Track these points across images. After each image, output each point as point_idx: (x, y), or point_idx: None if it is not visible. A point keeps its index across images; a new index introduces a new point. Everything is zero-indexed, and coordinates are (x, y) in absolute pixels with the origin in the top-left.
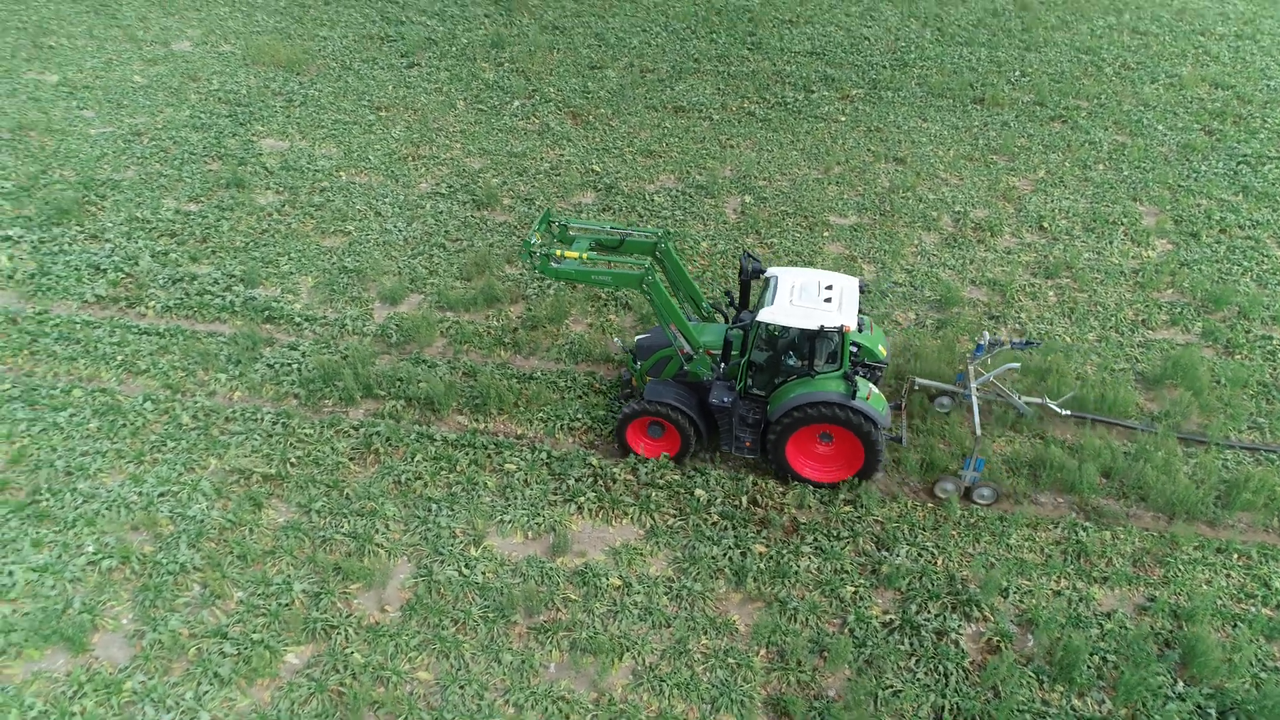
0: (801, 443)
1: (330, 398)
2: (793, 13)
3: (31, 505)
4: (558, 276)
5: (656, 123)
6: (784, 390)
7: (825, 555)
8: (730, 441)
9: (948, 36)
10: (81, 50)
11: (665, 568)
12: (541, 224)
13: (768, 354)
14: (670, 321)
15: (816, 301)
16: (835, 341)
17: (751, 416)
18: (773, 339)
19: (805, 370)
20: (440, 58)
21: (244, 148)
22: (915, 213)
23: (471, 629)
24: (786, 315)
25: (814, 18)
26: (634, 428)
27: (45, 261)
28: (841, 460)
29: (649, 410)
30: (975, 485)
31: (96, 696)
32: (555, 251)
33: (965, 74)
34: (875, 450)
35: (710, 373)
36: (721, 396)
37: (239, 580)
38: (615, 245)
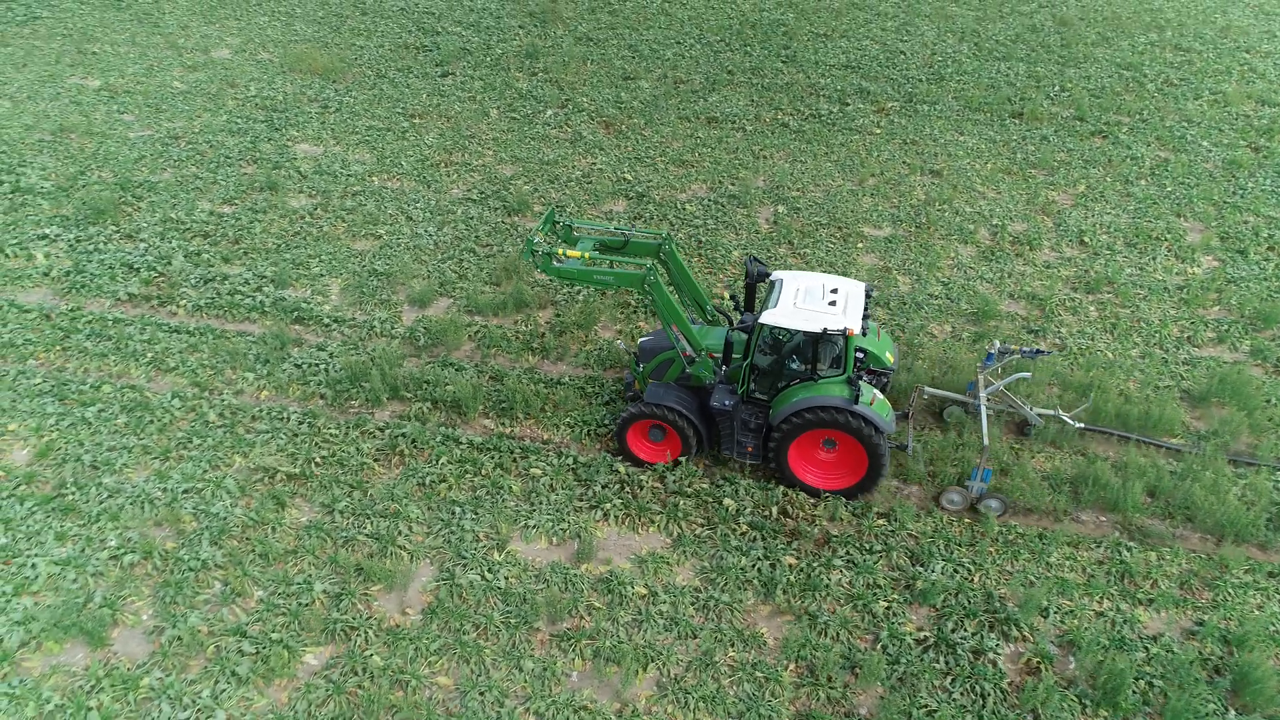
0: (804, 449)
1: (357, 399)
2: (828, 27)
3: (57, 499)
4: (560, 275)
5: (689, 133)
6: (786, 395)
7: (858, 569)
8: (731, 447)
9: (985, 51)
10: (124, 57)
11: (692, 577)
12: (546, 223)
13: (771, 358)
14: (672, 323)
15: (820, 305)
16: (839, 345)
17: (754, 421)
18: (777, 343)
19: (808, 374)
20: (474, 67)
21: (279, 152)
22: (951, 225)
23: (493, 634)
24: (789, 318)
25: (849, 32)
26: (634, 431)
27: (80, 260)
28: (845, 468)
29: (649, 413)
30: (983, 496)
31: (113, 692)
32: (558, 250)
33: (1003, 88)
34: (879, 457)
35: (712, 376)
36: (723, 400)
37: (260, 579)
38: (619, 246)
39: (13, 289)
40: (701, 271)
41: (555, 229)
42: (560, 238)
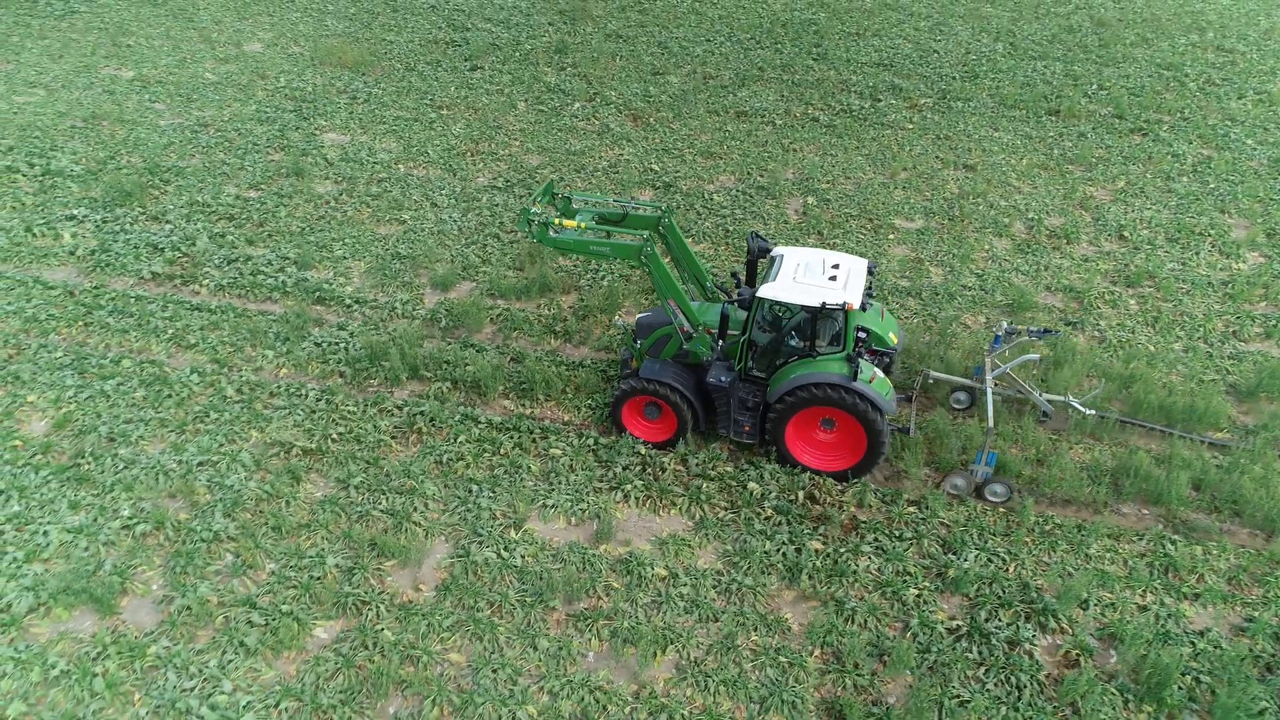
0: (802, 428)
1: (376, 377)
2: (859, 26)
3: (72, 469)
4: (556, 246)
5: (718, 126)
6: (784, 372)
7: (887, 556)
8: (728, 425)
9: (1020, 51)
10: (157, 50)
11: (714, 561)
12: (545, 195)
13: (770, 335)
14: (669, 296)
15: (820, 279)
16: (838, 321)
17: (751, 400)
18: (776, 320)
19: (807, 351)
20: (503, 62)
21: (306, 140)
22: (986, 218)
23: (508, 612)
24: (788, 291)
25: (881, 31)
26: (630, 408)
27: (106, 240)
28: (844, 449)
29: (644, 389)
30: (987, 481)
31: (120, 659)
32: (554, 220)
33: (1039, 86)
34: (878, 437)
35: (710, 352)
36: (719, 376)
37: (272, 552)
38: (618, 219)
39: (39, 266)
40: (728, 260)
41: (554, 201)
42: (559, 210)
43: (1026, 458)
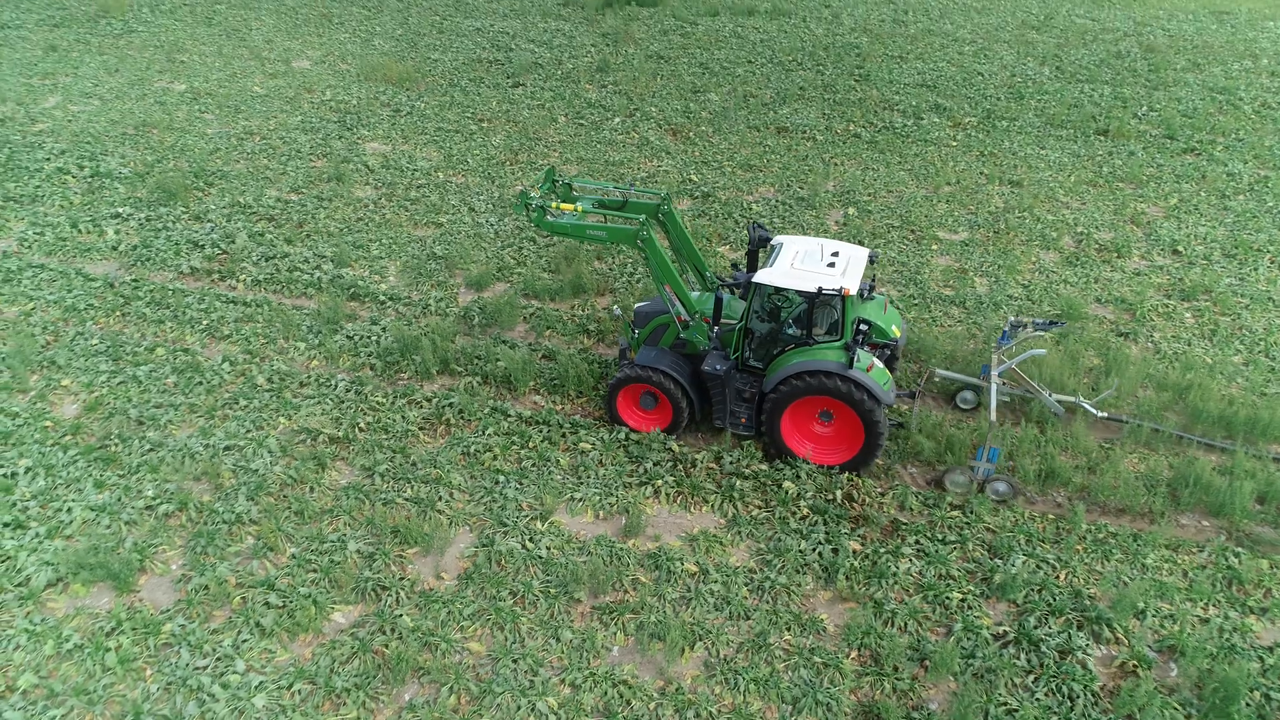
0: (799, 420)
1: (406, 370)
2: (902, 50)
3: (100, 449)
4: (553, 230)
5: (758, 141)
6: (780, 360)
7: (929, 559)
8: (724, 416)
9: (1067, 74)
10: (209, 65)
11: (747, 559)
12: (546, 181)
13: (768, 325)
14: (665, 283)
15: (819, 266)
16: (837, 310)
17: (748, 390)
18: (776, 309)
19: (804, 340)
20: (545, 79)
21: (349, 149)
22: (1033, 232)
23: (531, 603)
24: (784, 277)
25: (925, 55)
26: (625, 397)
27: (148, 236)
28: (842, 442)
29: (639, 376)
30: (989, 478)
31: (134, 635)
32: (552, 205)
33: (1087, 107)
34: (875, 427)
35: (707, 342)
36: (715, 365)
37: (293, 536)
38: (619, 206)
39: (82, 260)
40: None
41: (555, 188)
42: (560, 196)
43: (1078, 465)
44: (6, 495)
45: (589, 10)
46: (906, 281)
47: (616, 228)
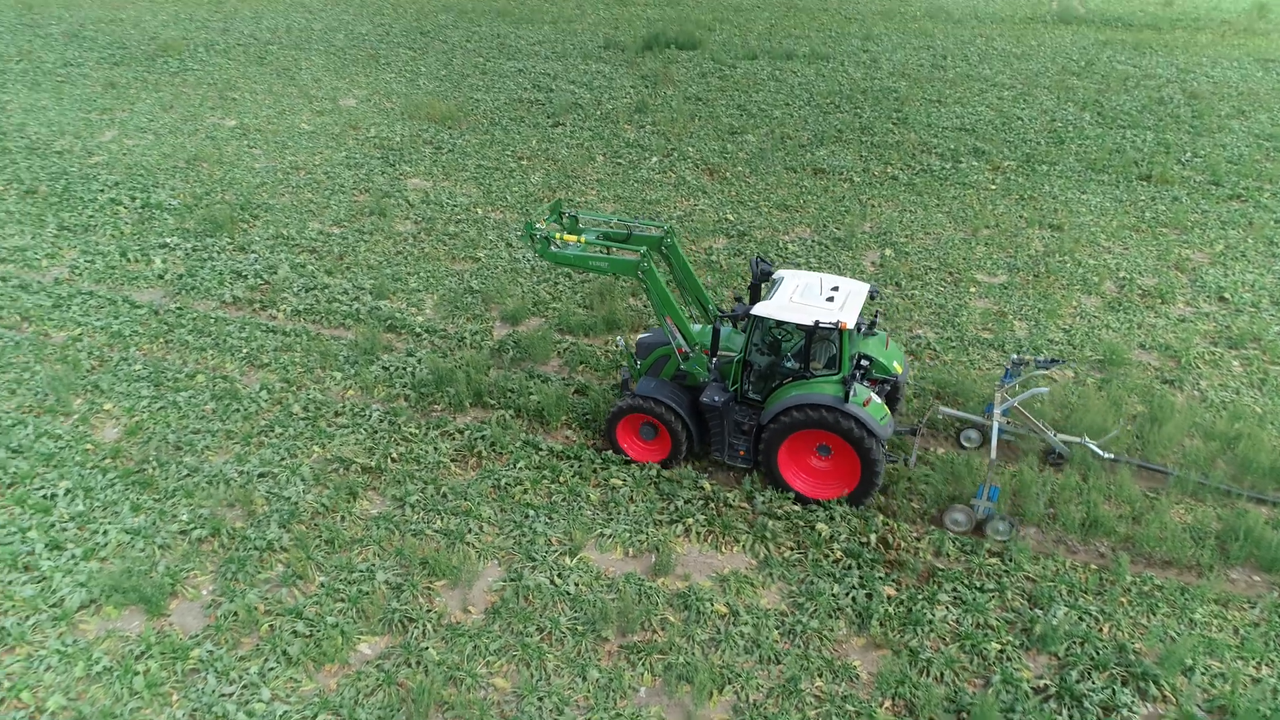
0: (796, 453)
1: (440, 402)
2: (940, 94)
3: (138, 473)
4: (557, 261)
5: (794, 182)
6: (778, 393)
7: (966, 607)
8: (723, 448)
9: (1109, 120)
10: (260, 102)
11: (778, 601)
12: (553, 212)
13: (768, 358)
14: (666, 314)
15: (817, 300)
16: (835, 344)
17: (747, 423)
18: (775, 343)
19: (801, 373)
20: (584, 119)
21: (391, 184)
22: (1073, 276)
23: (558, 640)
24: (782, 310)
25: (963, 99)
26: (624, 426)
27: (194, 266)
28: (838, 476)
29: (638, 407)
30: (989, 517)
31: (162, 659)
32: (556, 236)
33: (1129, 152)
34: (871, 462)
35: (707, 374)
36: (713, 396)
37: (323, 564)
38: (623, 238)
39: (130, 288)
40: None
41: (561, 219)
42: (566, 228)
43: (1121, 514)
44: (45, 516)
45: (629, 53)
46: (944, 324)
47: (618, 259)
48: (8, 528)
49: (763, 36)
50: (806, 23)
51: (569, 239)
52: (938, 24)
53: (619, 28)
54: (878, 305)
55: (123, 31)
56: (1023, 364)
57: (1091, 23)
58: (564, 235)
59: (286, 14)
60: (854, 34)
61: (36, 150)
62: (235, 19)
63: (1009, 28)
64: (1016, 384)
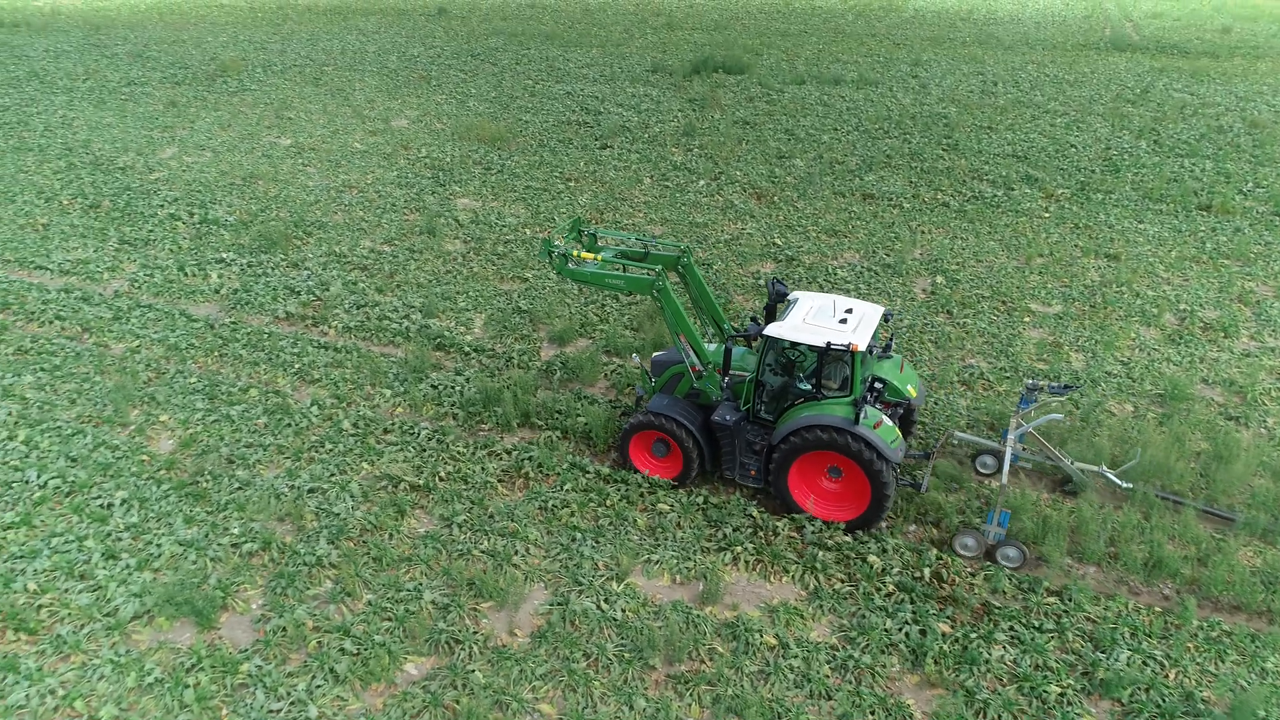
0: (807, 475)
1: (488, 421)
2: (991, 121)
3: (191, 485)
4: (574, 278)
5: (843, 207)
6: (789, 414)
7: (1025, 647)
8: (734, 467)
9: (1166, 148)
10: (314, 122)
11: (829, 634)
12: (572, 230)
13: (781, 379)
14: (680, 333)
15: (830, 322)
16: (847, 366)
17: (759, 443)
18: (789, 363)
19: (813, 394)
20: (632, 142)
21: (441, 204)
22: (1131, 307)
23: (604, 667)
24: (794, 331)
25: (1015, 125)
26: (637, 443)
27: (248, 281)
28: (849, 499)
29: (651, 424)
30: (1000, 543)
31: (212, 673)
32: (573, 253)
33: (1187, 182)
34: (881, 484)
35: (719, 392)
36: (724, 415)
37: (371, 582)
38: (640, 256)
39: (186, 302)
40: None
41: (580, 237)
42: (585, 246)
43: (1186, 556)
44: (102, 525)
45: (677, 77)
46: (997, 354)
47: (633, 277)
48: (65, 535)
49: (810, 62)
50: (854, 48)
51: (586, 257)
52: (988, 50)
53: (666, 52)
54: (894, 327)
55: (184, 52)
56: (1037, 389)
57: (1146, 50)
58: (581, 253)
59: (341, 36)
60: (902, 60)
61: (101, 166)
62: (292, 40)
63: (1061, 54)
64: (1032, 409)
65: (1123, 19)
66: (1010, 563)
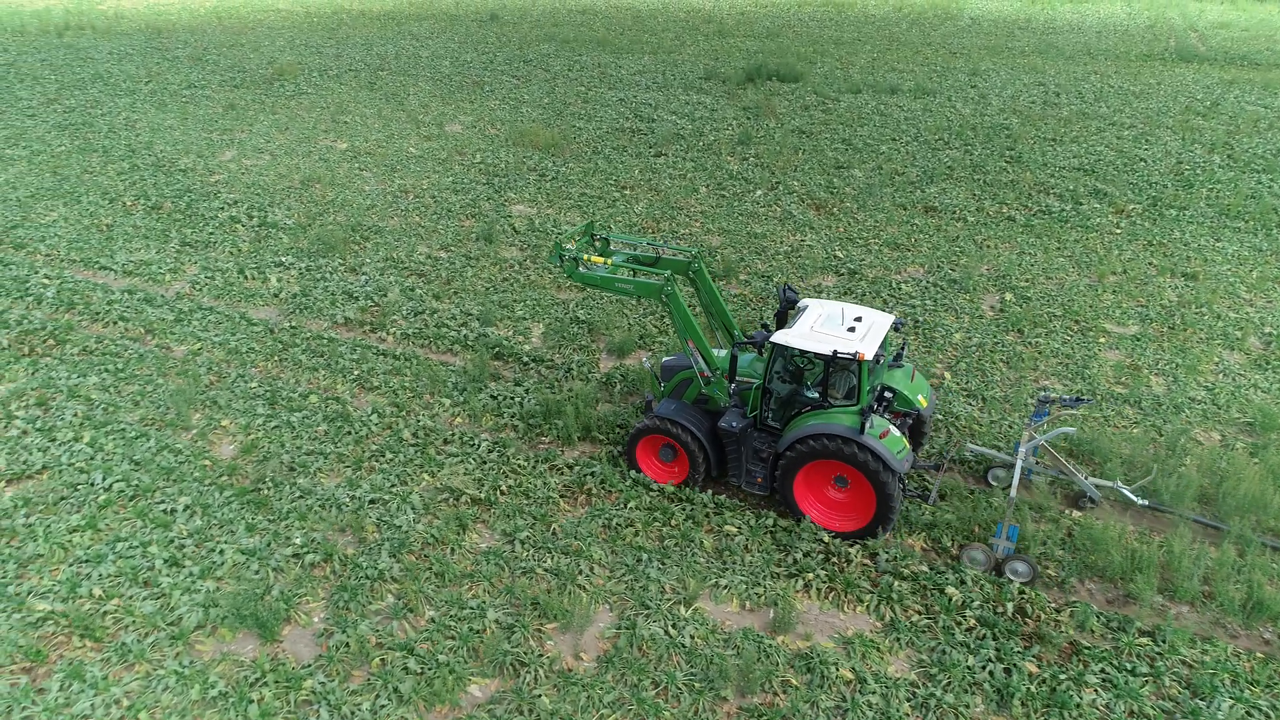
0: (814, 483)
1: (548, 435)
2: (1055, 133)
3: (253, 492)
4: (584, 281)
5: (905, 219)
6: (796, 422)
7: (1118, 691)
8: (740, 474)
9: (1241, 163)
10: (370, 126)
11: (907, 670)
12: (584, 235)
13: (789, 386)
14: (688, 338)
15: (839, 330)
16: (855, 374)
17: (765, 450)
18: (798, 371)
19: (820, 402)
20: (687, 150)
21: (496, 210)
22: (1213, 330)
23: (674, 696)
24: (801, 339)
25: (1080, 138)
26: (644, 447)
27: (308, 285)
28: (855, 509)
29: (658, 428)
30: (1008, 558)
31: (276, 689)
32: (583, 257)
33: (1266, 199)
34: (886, 495)
35: (727, 398)
36: (731, 421)
37: (433, 598)
38: (651, 261)
39: (246, 305)
40: (920, 354)
41: (593, 241)
42: (597, 249)
43: None
44: (165, 531)
45: (729, 85)
46: (1073, 375)
47: (643, 281)
48: (129, 540)
49: (864, 70)
50: (909, 57)
51: (597, 261)
52: (1048, 60)
53: (718, 59)
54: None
55: (242, 56)
56: (1049, 402)
57: (1214, 61)
58: (592, 257)
59: (395, 41)
60: (960, 69)
61: (162, 167)
62: (347, 45)
63: (1124, 65)
64: (1045, 423)
65: (1187, 29)
66: (1018, 577)
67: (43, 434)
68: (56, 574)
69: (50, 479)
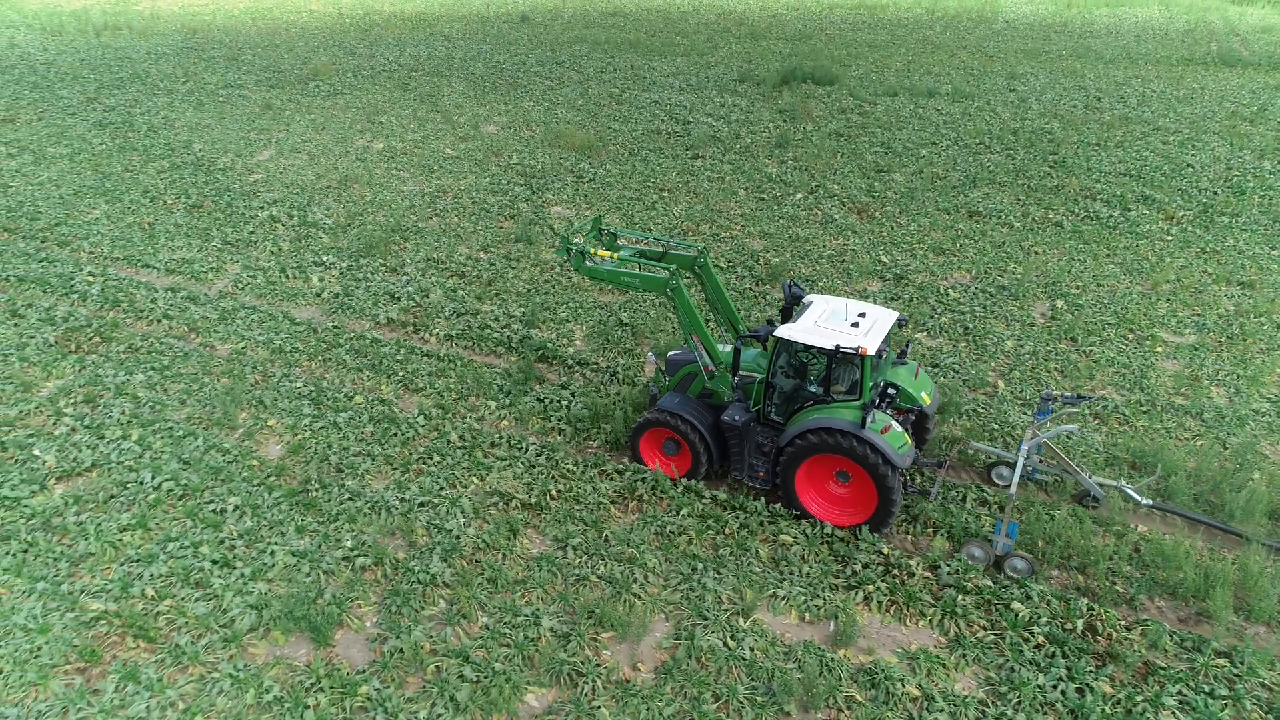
0: (815, 478)
1: (596, 439)
2: (1099, 137)
3: (302, 493)
4: (590, 275)
5: (949, 224)
6: (797, 416)
7: (1197, 715)
8: (743, 468)
9: None
10: (405, 127)
11: (975, 688)
12: (592, 229)
13: (793, 381)
14: (693, 332)
15: (842, 325)
16: (857, 369)
17: (768, 444)
18: (802, 365)
19: (822, 397)
20: (724, 153)
21: (534, 211)
22: (1273, 340)
23: (736, 710)
24: (804, 333)
25: (1124, 143)
26: (648, 440)
27: (349, 285)
28: (856, 504)
29: (661, 421)
30: (1007, 554)
31: (331, 694)
32: (590, 250)
33: None
34: (887, 490)
35: (730, 392)
36: (734, 415)
37: (486, 604)
38: (657, 256)
39: (289, 304)
40: (970, 359)
41: (600, 236)
42: (604, 244)
43: None
44: (215, 532)
45: (765, 87)
46: (1131, 385)
47: (648, 275)
48: (180, 540)
49: (901, 73)
50: (945, 60)
51: (604, 255)
52: (1087, 64)
53: (753, 61)
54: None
55: (277, 56)
56: (1052, 400)
57: (1258, 65)
58: (598, 251)
59: (428, 42)
60: (998, 72)
61: (202, 166)
62: (380, 46)
63: (1165, 69)
64: (1048, 421)
65: (1229, 33)
66: (1017, 573)
67: (91, 431)
68: (108, 573)
69: (100, 477)
